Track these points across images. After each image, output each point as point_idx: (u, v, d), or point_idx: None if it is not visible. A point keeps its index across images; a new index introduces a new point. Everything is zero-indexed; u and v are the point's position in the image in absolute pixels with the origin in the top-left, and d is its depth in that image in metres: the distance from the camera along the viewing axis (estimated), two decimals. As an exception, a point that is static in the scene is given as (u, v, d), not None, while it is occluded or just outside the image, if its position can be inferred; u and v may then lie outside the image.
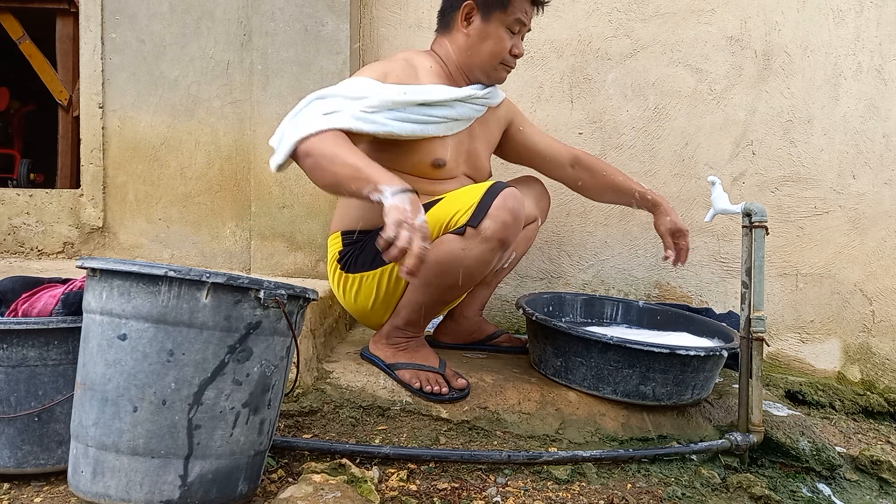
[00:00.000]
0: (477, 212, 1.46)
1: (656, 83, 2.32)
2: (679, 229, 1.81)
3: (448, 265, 1.48)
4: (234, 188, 2.15)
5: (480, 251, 1.47)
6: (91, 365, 1.07)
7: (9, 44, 3.40)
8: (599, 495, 1.40)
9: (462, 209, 1.48)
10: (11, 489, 1.21)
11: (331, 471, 1.23)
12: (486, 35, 1.66)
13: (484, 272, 1.53)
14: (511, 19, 1.65)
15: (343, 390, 1.57)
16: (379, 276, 1.60)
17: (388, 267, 1.57)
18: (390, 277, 1.58)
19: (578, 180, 1.93)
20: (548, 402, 1.62)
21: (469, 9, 1.66)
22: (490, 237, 1.45)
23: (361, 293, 1.64)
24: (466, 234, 1.46)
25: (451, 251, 1.47)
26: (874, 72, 2.31)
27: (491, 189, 1.49)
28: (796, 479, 1.59)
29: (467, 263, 1.48)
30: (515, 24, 1.67)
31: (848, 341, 2.35)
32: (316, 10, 2.04)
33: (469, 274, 1.50)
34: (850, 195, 2.33)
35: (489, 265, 1.51)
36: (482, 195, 1.48)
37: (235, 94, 2.13)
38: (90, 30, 2.12)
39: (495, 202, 1.46)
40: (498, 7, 1.64)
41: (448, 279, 1.50)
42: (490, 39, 1.66)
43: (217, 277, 1.04)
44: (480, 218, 1.45)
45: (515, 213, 1.47)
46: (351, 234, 1.67)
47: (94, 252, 2.17)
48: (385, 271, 1.59)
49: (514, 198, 1.47)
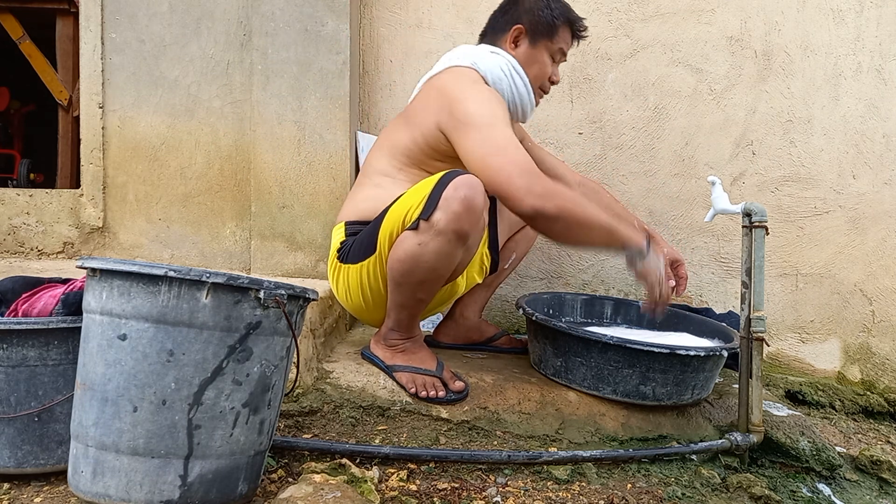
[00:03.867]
0: (428, 204, 1.42)
1: (656, 83, 2.32)
2: (677, 259, 1.82)
3: (409, 263, 1.45)
4: (234, 188, 2.15)
5: (437, 245, 1.42)
6: (91, 365, 1.07)
7: (9, 44, 3.40)
8: (599, 495, 1.40)
9: (415, 203, 1.45)
10: (11, 489, 1.21)
11: (331, 471, 1.23)
12: (533, 60, 1.73)
13: (449, 265, 1.48)
14: (555, 48, 1.74)
15: (343, 390, 1.57)
16: (360, 269, 1.59)
17: (367, 262, 1.56)
18: (370, 273, 1.57)
19: None
20: (548, 402, 1.62)
21: (518, 32, 1.72)
22: (444, 229, 1.40)
23: (351, 286, 1.63)
24: (420, 228, 1.42)
25: (409, 248, 1.44)
26: (874, 72, 2.31)
27: (441, 179, 1.43)
28: (796, 479, 1.59)
29: (427, 258, 1.43)
30: (558, 53, 1.76)
31: (848, 341, 2.35)
32: (316, 10, 2.04)
33: (432, 268, 1.46)
34: (850, 195, 2.33)
35: (452, 258, 1.46)
36: (433, 186, 1.43)
37: (235, 94, 2.13)
38: (90, 30, 2.11)
39: (445, 192, 1.40)
40: (546, 35, 1.72)
41: (413, 277, 1.47)
42: (536, 64, 1.73)
43: (217, 277, 1.04)
44: (431, 210, 1.40)
45: (468, 202, 1.39)
46: (355, 225, 1.66)
47: (94, 252, 2.17)
48: (364, 266, 1.57)
49: (468, 185, 1.40)
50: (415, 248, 1.43)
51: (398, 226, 1.48)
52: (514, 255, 1.92)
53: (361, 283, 1.60)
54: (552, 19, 1.71)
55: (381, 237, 1.52)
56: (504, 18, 1.75)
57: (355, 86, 2.19)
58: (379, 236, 1.53)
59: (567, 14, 1.74)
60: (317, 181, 2.05)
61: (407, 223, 1.46)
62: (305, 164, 2.05)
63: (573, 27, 1.75)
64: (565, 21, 1.73)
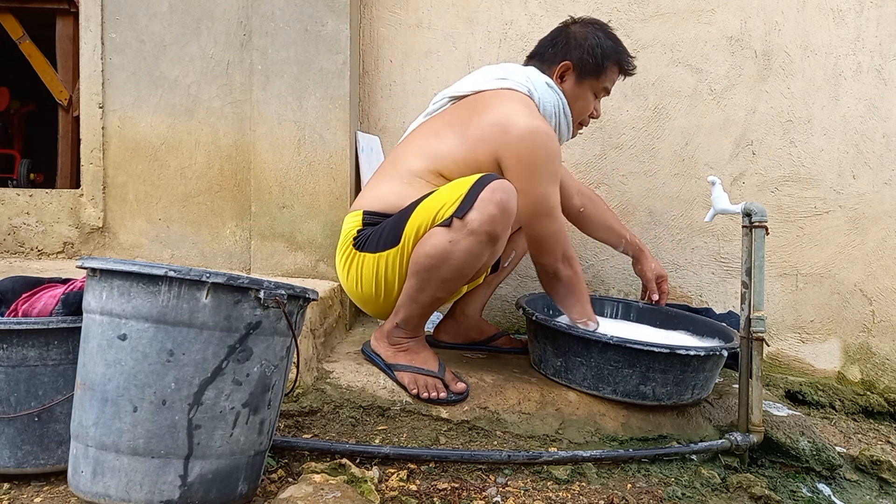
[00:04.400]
0: (464, 203, 1.45)
1: (656, 83, 2.32)
2: (661, 274, 1.98)
3: (437, 259, 1.47)
4: (234, 188, 2.15)
5: (468, 244, 1.45)
6: (91, 365, 1.07)
7: (9, 44, 3.40)
8: (599, 495, 1.40)
9: (449, 201, 1.47)
10: (11, 489, 1.21)
11: (331, 471, 1.23)
12: (577, 96, 1.76)
13: (475, 266, 1.51)
14: (600, 86, 1.77)
15: (343, 390, 1.57)
16: (377, 259, 1.59)
17: (388, 253, 1.56)
18: (388, 265, 1.57)
19: (582, 207, 1.97)
20: (548, 402, 1.62)
21: (566, 69, 1.74)
22: (476, 230, 1.43)
23: (364, 275, 1.63)
24: (453, 225, 1.45)
25: (438, 244, 1.46)
26: (874, 72, 2.31)
27: (479, 180, 1.47)
28: (796, 479, 1.59)
29: (456, 256, 1.46)
30: (602, 91, 1.79)
31: (848, 341, 2.35)
32: (316, 10, 2.03)
33: (459, 267, 1.48)
34: (850, 195, 2.33)
35: (479, 259, 1.49)
36: (470, 186, 1.46)
37: (235, 94, 2.13)
38: (90, 30, 2.11)
39: (482, 194, 1.44)
40: (592, 74, 1.74)
41: (439, 273, 1.49)
42: (580, 101, 1.77)
43: (217, 277, 1.04)
44: (467, 209, 1.43)
45: (504, 206, 1.44)
46: (375, 216, 1.65)
47: (94, 252, 2.17)
48: (384, 257, 1.57)
49: (504, 190, 1.44)
50: (445, 245, 1.46)
51: (428, 221, 1.49)
52: (513, 254, 1.91)
53: (377, 272, 1.60)
54: (601, 59, 1.72)
55: (408, 230, 1.52)
56: (552, 51, 1.76)
57: (355, 86, 2.19)
58: (405, 229, 1.53)
59: (617, 55, 1.75)
60: (317, 181, 2.05)
61: (438, 220, 1.48)
62: (305, 164, 2.05)
63: (621, 66, 1.77)
64: (615, 62, 1.75)
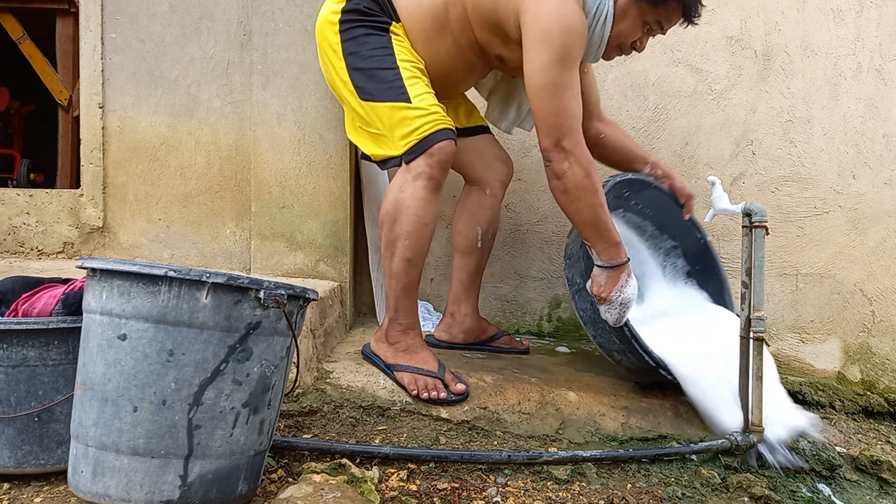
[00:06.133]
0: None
1: (656, 83, 2.32)
2: (690, 194, 1.96)
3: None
4: (234, 188, 2.15)
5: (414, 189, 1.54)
6: (91, 365, 1.07)
7: (9, 44, 3.40)
8: (599, 495, 1.40)
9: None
10: (11, 489, 1.21)
11: (331, 471, 1.23)
12: (626, 14, 1.58)
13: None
14: (654, 18, 1.60)
15: (343, 390, 1.57)
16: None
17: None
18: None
19: (601, 133, 1.89)
20: (548, 402, 1.62)
21: None
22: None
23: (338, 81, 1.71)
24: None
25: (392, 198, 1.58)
26: (874, 72, 2.31)
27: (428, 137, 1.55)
28: (796, 479, 1.59)
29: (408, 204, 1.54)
30: (655, 24, 1.62)
31: (848, 341, 2.35)
32: (316, 10, 2.03)
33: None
34: (850, 195, 2.33)
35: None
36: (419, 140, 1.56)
37: (235, 94, 2.13)
38: (90, 30, 2.11)
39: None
40: (650, 0, 1.57)
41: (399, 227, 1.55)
42: (627, 20, 1.59)
43: (217, 277, 1.04)
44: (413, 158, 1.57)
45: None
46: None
47: (94, 252, 2.17)
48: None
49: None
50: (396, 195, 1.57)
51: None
52: (479, 230, 1.88)
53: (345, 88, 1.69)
54: None
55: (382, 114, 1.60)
56: None
57: (355, 86, 2.19)
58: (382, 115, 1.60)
59: None
60: (317, 181, 2.05)
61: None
62: (305, 164, 2.05)
63: (685, 8, 1.59)
64: (680, 1, 1.58)
